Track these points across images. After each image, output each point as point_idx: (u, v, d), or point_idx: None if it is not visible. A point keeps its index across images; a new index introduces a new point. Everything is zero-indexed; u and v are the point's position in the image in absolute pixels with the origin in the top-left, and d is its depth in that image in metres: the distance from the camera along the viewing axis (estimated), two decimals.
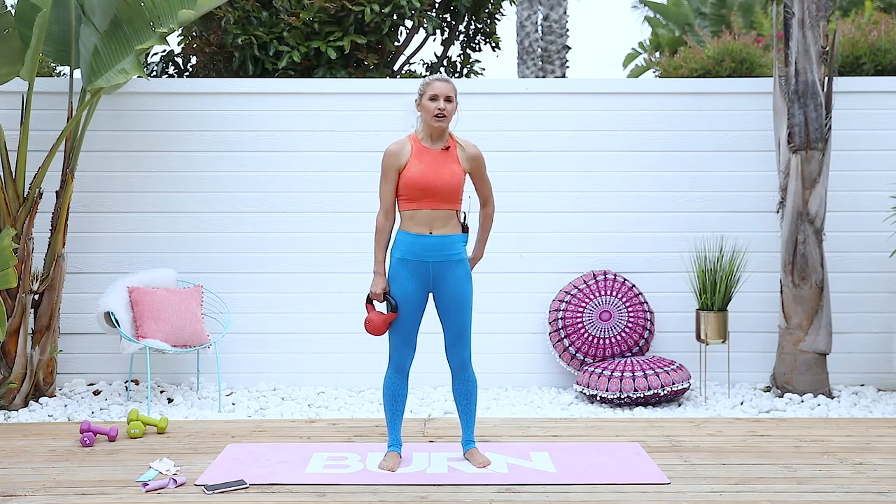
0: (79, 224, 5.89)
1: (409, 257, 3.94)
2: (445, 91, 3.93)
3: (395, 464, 4.02)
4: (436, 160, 3.96)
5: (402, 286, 3.95)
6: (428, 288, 3.99)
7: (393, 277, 3.98)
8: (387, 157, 3.97)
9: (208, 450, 4.35)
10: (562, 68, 13.25)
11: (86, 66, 5.45)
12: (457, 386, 4.10)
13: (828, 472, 3.99)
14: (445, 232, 3.96)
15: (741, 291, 5.85)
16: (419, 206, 3.93)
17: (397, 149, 3.97)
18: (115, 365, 5.96)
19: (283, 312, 6.01)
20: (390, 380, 4.06)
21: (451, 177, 3.95)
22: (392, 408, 4.08)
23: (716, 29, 15.35)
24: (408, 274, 3.95)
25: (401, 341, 4.01)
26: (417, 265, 3.94)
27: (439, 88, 3.93)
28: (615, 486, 3.78)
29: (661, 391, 5.33)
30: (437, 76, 3.99)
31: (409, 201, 3.95)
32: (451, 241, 3.98)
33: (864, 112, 6.02)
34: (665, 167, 6.06)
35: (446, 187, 3.94)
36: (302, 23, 6.58)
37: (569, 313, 5.80)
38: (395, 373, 4.05)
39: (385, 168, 3.97)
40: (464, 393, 4.10)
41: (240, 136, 6.02)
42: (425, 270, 3.95)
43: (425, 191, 3.92)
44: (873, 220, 5.98)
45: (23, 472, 4.01)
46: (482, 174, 4.12)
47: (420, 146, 3.99)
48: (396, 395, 4.06)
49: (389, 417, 4.11)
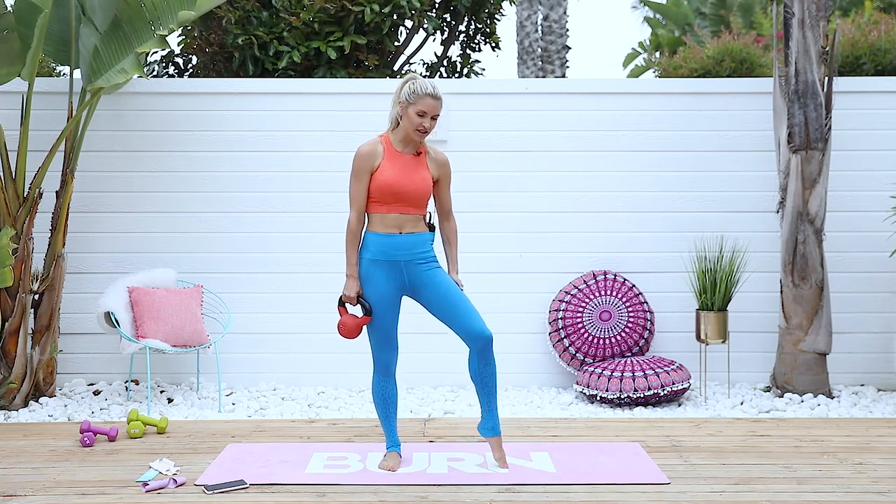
0: (79, 224, 5.89)
1: (380, 257, 3.91)
2: (435, 110, 3.85)
3: (395, 464, 4.01)
4: (408, 165, 3.93)
5: (377, 287, 3.93)
6: (402, 287, 3.97)
7: (366, 279, 3.94)
8: (359, 158, 3.89)
9: (208, 450, 4.35)
10: (562, 68, 13.25)
11: (86, 66, 5.45)
12: (484, 368, 3.94)
13: (828, 472, 3.98)
14: (415, 231, 3.96)
15: (741, 291, 5.85)
16: (390, 209, 3.91)
17: (370, 150, 3.90)
18: (115, 365, 5.96)
19: (283, 312, 6.01)
20: (378, 383, 4.06)
21: (422, 182, 3.94)
22: (384, 410, 4.07)
23: (715, 29, 15.35)
24: (381, 274, 3.92)
25: (383, 342, 4.00)
26: (389, 265, 3.92)
27: (429, 107, 3.84)
28: (615, 486, 3.78)
29: (661, 391, 5.33)
30: (430, 90, 3.83)
31: (379, 204, 3.91)
32: (421, 240, 3.97)
33: (864, 112, 6.02)
34: (665, 167, 6.06)
35: (418, 192, 3.92)
36: (302, 23, 6.58)
37: (569, 313, 5.80)
38: (382, 375, 4.04)
39: (357, 169, 3.90)
40: (490, 373, 3.95)
41: (240, 136, 6.02)
42: (398, 270, 3.93)
43: (398, 195, 3.88)
44: (873, 220, 5.98)
45: (23, 472, 4.01)
46: (448, 182, 4.10)
47: (392, 149, 3.93)
48: (387, 398, 4.05)
49: (383, 420, 4.10)
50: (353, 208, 3.93)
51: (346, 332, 3.96)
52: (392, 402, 4.07)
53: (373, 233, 3.94)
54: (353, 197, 3.93)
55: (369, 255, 3.93)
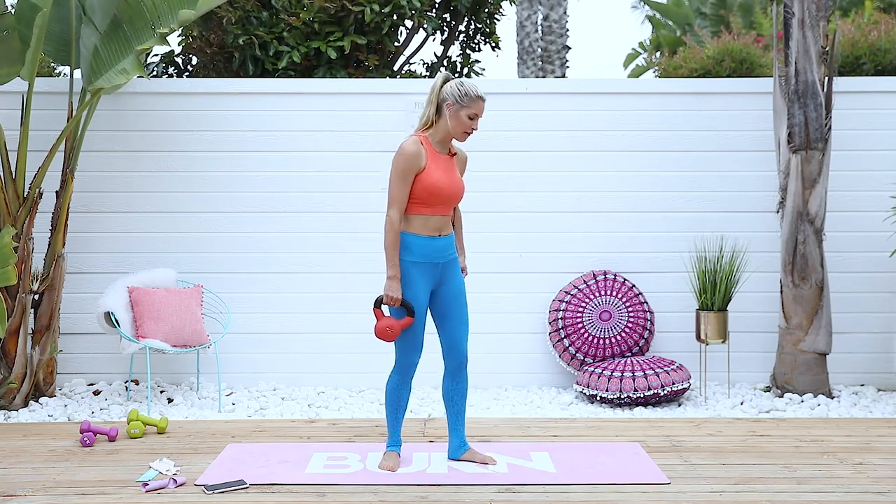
0: (79, 224, 5.89)
1: (421, 260, 3.87)
2: (482, 112, 3.88)
3: (395, 464, 4.01)
4: (448, 166, 3.92)
5: (417, 289, 3.88)
6: (433, 289, 3.97)
7: (406, 282, 3.86)
8: (407, 157, 3.79)
9: (208, 450, 4.35)
10: (562, 68, 13.25)
11: (86, 66, 5.45)
12: (455, 386, 4.06)
13: (828, 472, 3.98)
14: (450, 232, 3.97)
15: (741, 291, 5.85)
16: (434, 211, 3.87)
17: (417, 150, 3.81)
18: (115, 365, 5.96)
19: (283, 312, 6.01)
20: (396, 385, 4.00)
21: (460, 184, 3.96)
22: (395, 412, 4.05)
23: (715, 29, 15.35)
24: (420, 276, 3.88)
25: (414, 345, 3.94)
26: (428, 267, 3.89)
27: (480, 109, 3.85)
28: (615, 486, 3.78)
29: (661, 391, 5.33)
30: (480, 92, 3.85)
31: (423, 206, 3.85)
32: (452, 241, 3.99)
33: (864, 112, 6.02)
34: (665, 167, 6.06)
35: (458, 195, 3.95)
36: (302, 23, 6.58)
37: (569, 313, 5.80)
38: (402, 378, 3.99)
39: (404, 169, 3.79)
40: (461, 392, 4.07)
41: (240, 136, 6.02)
42: (434, 272, 3.92)
43: (443, 197, 3.86)
44: (873, 220, 5.98)
45: (23, 472, 4.01)
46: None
47: (433, 150, 3.89)
48: (400, 401, 4.02)
49: (391, 419, 4.08)
50: (396, 208, 3.82)
51: (392, 335, 3.83)
52: (404, 405, 4.05)
53: (415, 235, 3.87)
54: (397, 197, 3.81)
55: (411, 258, 3.86)
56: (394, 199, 3.82)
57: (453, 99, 3.82)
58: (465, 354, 4.03)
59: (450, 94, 3.83)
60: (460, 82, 3.85)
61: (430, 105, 3.88)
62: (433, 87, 3.89)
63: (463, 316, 4.00)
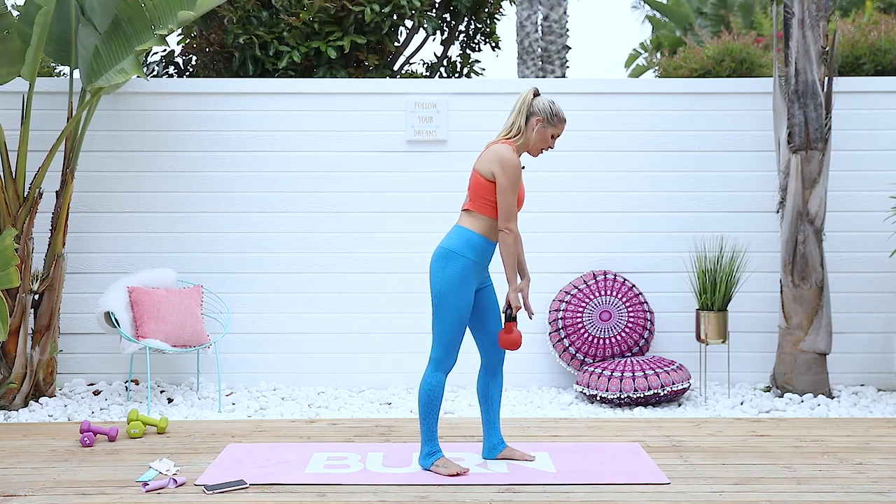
0: (79, 224, 5.89)
1: (479, 261, 3.91)
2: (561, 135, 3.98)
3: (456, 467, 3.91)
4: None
5: (470, 289, 3.89)
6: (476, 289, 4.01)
7: (463, 280, 3.85)
8: (517, 168, 3.82)
9: (208, 450, 4.35)
10: (562, 68, 13.26)
11: (86, 66, 5.45)
12: (495, 383, 4.09)
13: (828, 472, 3.99)
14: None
15: (741, 291, 5.85)
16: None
17: (519, 160, 3.87)
18: (115, 365, 5.96)
19: (283, 312, 6.01)
20: (438, 382, 3.90)
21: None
22: (434, 411, 3.93)
23: (716, 29, 15.35)
24: (474, 277, 3.91)
25: (458, 343, 3.91)
26: (480, 269, 3.95)
27: (562, 131, 3.95)
28: (615, 486, 3.78)
29: (661, 391, 5.33)
30: (565, 116, 3.94)
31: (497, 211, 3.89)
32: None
33: (864, 112, 6.02)
34: (665, 167, 6.06)
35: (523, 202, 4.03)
36: (302, 23, 6.58)
37: (569, 313, 5.80)
38: (443, 375, 3.91)
39: (516, 179, 3.82)
40: (499, 389, 4.11)
41: (240, 136, 6.02)
42: (482, 273, 3.99)
43: (520, 205, 3.94)
44: (873, 220, 5.98)
45: (23, 472, 4.01)
46: None
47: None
48: (439, 399, 3.93)
49: (431, 421, 3.93)
50: (515, 219, 3.84)
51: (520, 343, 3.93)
52: (439, 406, 3.96)
53: (483, 238, 3.90)
54: (513, 209, 3.83)
55: (474, 257, 3.88)
56: (512, 212, 3.84)
57: (544, 116, 3.89)
58: (504, 350, 4.06)
59: (540, 110, 3.90)
60: (551, 101, 3.93)
61: (520, 115, 3.91)
62: (524, 98, 3.92)
63: (496, 315, 4.06)
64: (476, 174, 3.90)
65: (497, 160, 3.83)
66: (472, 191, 3.91)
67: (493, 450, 4.13)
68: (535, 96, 3.93)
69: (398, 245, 6.01)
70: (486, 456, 4.13)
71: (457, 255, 3.85)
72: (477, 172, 3.90)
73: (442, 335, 3.87)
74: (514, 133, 3.92)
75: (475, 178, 3.90)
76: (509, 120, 3.93)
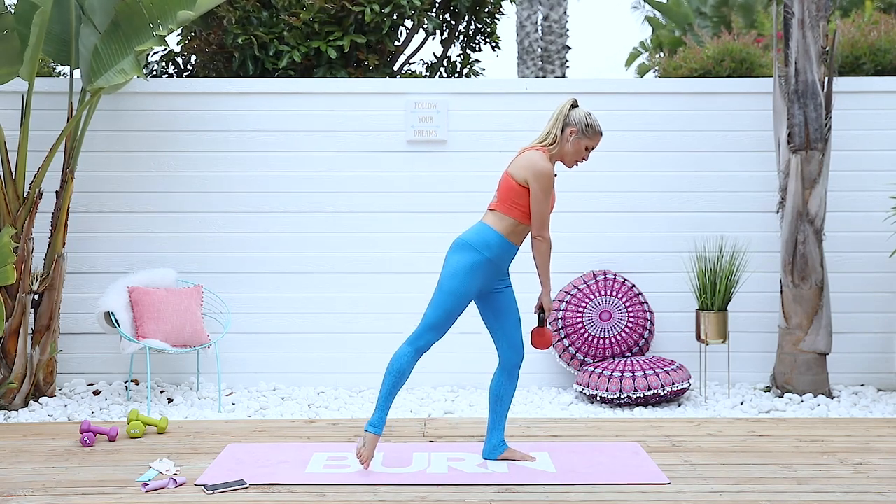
0: (79, 224, 5.89)
1: (497, 261, 3.92)
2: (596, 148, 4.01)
3: (372, 453, 3.89)
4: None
5: (476, 282, 3.89)
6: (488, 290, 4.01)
7: (473, 271, 3.87)
8: (551, 176, 3.85)
9: (208, 450, 4.35)
10: (562, 68, 13.26)
11: (86, 66, 5.45)
12: (510, 383, 4.10)
13: (828, 472, 3.99)
14: None
15: (741, 291, 5.85)
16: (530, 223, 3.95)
17: (553, 168, 3.91)
18: (115, 365, 5.96)
19: (283, 312, 6.01)
20: (407, 357, 3.88)
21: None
22: (394, 386, 3.89)
23: (716, 29, 15.35)
24: (485, 276, 3.91)
25: (442, 325, 3.89)
26: (497, 270, 3.95)
27: (597, 145, 3.98)
28: (615, 486, 3.78)
29: (661, 391, 5.33)
30: (602, 129, 3.97)
31: (528, 218, 3.91)
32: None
33: (864, 112, 6.02)
34: (665, 167, 6.06)
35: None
36: (302, 23, 6.58)
37: (569, 313, 5.80)
38: (416, 352, 3.89)
39: (549, 188, 3.85)
40: (512, 391, 4.12)
41: (240, 136, 6.02)
42: (498, 275, 3.98)
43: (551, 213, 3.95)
44: (873, 220, 5.98)
45: (23, 472, 4.01)
46: None
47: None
48: (404, 374, 3.89)
49: (388, 395, 3.90)
50: (548, 227, 3.88)
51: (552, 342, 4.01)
52: (404, 381, 3.93)
53: (506, 240, 3.91)
54: (546, 217, 3.87)
55: (490, 255, 3.89)
56: (545, 220, 3.87)
57: (580, 127, 3.92)
58: (524, 351, 4.10)
59: (577, 122, 3.92)
60: (588, 113, 3.95)
61: (557, 124, 3.94)
62: (561, 108, 3.95)
63: (516, 316, 4.08)
64: (508, 177, 3.92)
65: (531, 167, 3.85)
66: (502, 193, 3.94)
67: (493, 451, 4.13)
68: (573, 107, 3.96)
69: (398, 245, 6.01)
70: (487, 456, 4.13)
71: (472, 249, 3.88)
72: (509, 176, 3.92)
73: (427, 314, 3.91)
74: (550, 141, 3.95)
75: (507, 181, 3.93)
76: (546, 128, 3.97)
